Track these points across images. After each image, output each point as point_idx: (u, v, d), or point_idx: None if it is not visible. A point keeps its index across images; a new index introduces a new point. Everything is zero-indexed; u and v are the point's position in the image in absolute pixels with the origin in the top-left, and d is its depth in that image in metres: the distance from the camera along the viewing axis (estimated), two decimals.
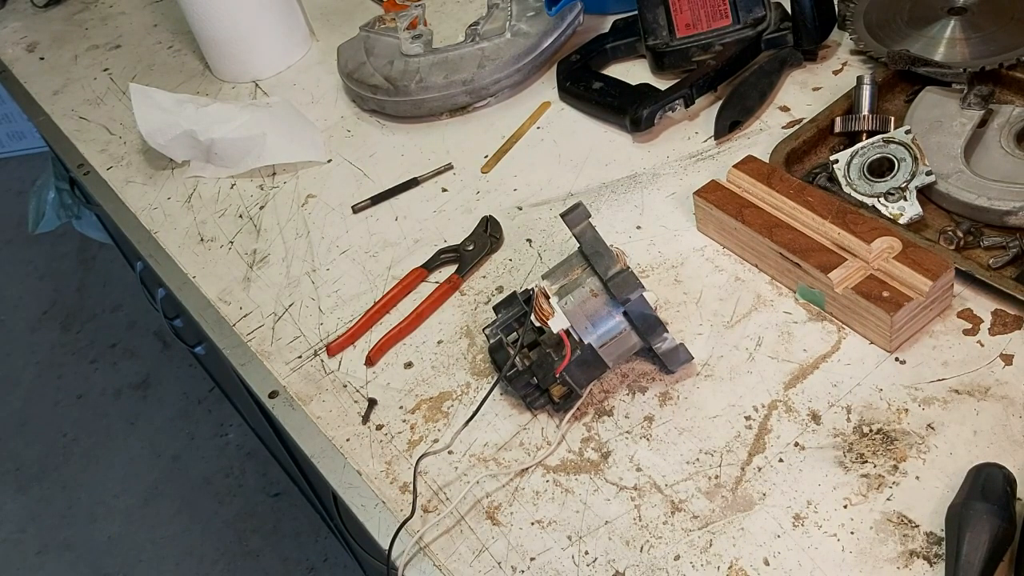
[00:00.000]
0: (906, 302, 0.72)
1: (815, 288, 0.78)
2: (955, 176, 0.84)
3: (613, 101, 1.03)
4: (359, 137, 1.14)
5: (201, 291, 0.99)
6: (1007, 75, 0.91)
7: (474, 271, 0.92)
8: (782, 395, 0.74)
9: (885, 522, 0.65)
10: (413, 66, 1.11)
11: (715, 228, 0.87)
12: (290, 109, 1.15)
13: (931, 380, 0.72)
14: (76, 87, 1.38)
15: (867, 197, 0.85)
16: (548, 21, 1.12)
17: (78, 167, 1.22)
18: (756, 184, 0.84)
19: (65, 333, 2.67)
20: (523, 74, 1.12)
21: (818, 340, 0.77)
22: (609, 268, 0.74)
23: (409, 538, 0.71)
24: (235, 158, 1.11)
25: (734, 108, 0.99)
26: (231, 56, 1.27)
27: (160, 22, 1.48)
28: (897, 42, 0.97)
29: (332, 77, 1.23)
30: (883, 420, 0.70)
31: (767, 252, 0.81)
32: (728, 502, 0.68)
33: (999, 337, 0.74)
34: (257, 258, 1.01)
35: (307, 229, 1.03)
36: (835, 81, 1.01)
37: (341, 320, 0.91)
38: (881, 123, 0.90)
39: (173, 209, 1.10)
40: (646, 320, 0.73)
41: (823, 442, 0.70)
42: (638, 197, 0.95)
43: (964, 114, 0.88)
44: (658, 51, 1.06)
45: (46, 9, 1.60)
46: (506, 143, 1.06)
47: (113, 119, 1.29)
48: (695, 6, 1.04)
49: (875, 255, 0.76)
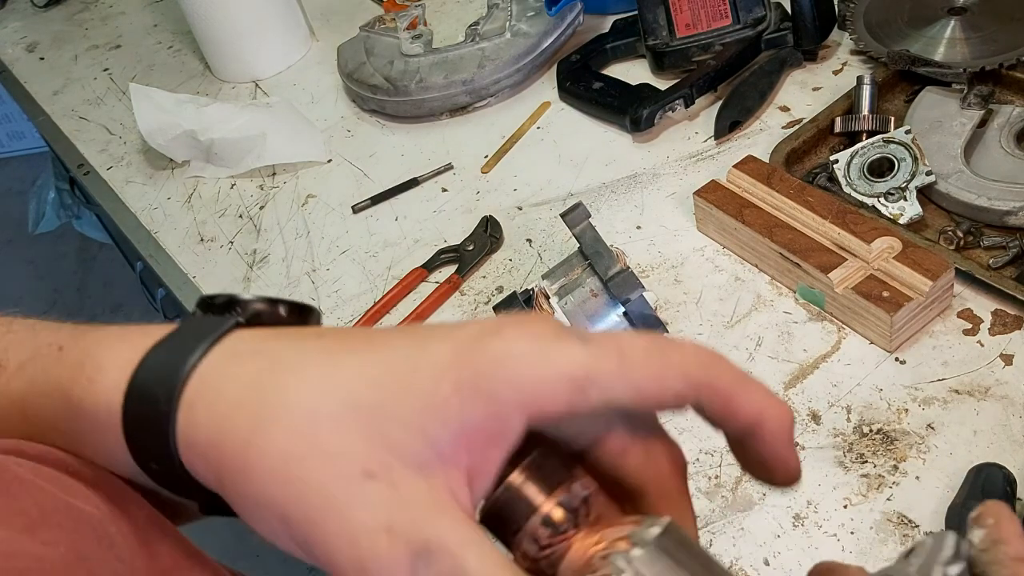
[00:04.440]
0: (906, 302, 0.72)
1: (815, 288, 0.78)
2: (955, 176, 0.84)
3: (613, 101, 1.03)
4: (359, 137, 1.14)
5: (201, 291, 0.99)
6: (1007, 75, 0.91)
7: (474, 271, 0.92)
8: (782, 395, 0.74)
9: (885, 522, 0.65)
10: (413, 66, 1.11)
11: (715, 228, 0.87)
12: (290, 109, 1.15)
13: (931, 380, 0.72)
14: (76, 87, 1.38)
15: (867, 197, 0.85)
16: (548, 21, 1.12)
17: (78, 167, 1.22)
18: (756, 184, 0.84)
19: None
20: (523, 74, 1.12)
21: (818, 340, 0.77)
22: (609, 268, 0.74)
23: None
24: (235, 158, 1.11)
25: (734, 108, 0.99)
26: (231, 56, 1.27)
27: (160, 22, 1.48)
28: (897, 42, 0.97)
29: (332, 77, 1.23)
30: (883, 420, 0.70)
31: (767, 252, 0.81)
32: (728, 502, 0.68)
33: (999, 337, 0.74)
34: (257, 258, 1.01)
35: (307, 229, 1.03)
36: (835, 81, 1.01)
37: (341, 320, 0.91)
38: (881, 123, 0.90)
39: (173, 209, 1.10)
40: (646, 320, 0.73)
41: (823, 442, 0.70)
42: (638, 197, 0.95)
43: (964, 114, 0.88)
44: (658, 51, 1.06)
45: (46, 9, 1.59)
46: (506, 143, 1.06)
47: (113, 119, 1.29)
48: (695, 6, 1.04)
49: (875, 255, 0.76)
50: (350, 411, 0.30)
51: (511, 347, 0.31)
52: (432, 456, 0.30)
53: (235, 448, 0.31)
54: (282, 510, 0.30)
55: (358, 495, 0.29)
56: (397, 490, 0.29)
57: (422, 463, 0.29)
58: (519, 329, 0.31)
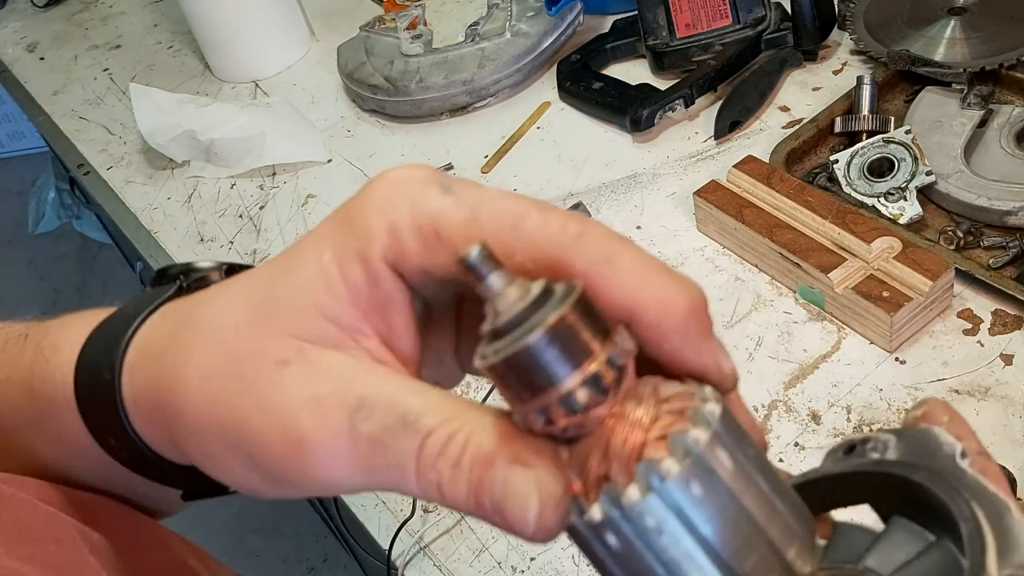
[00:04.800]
0: (906, 302, 0.72)
1: (815, 288, 0.78)
2: (955, 176, 0.84)
3: (613, 101, 1.03)
4: (359, 137, 1.14)
5: None
6: (1007, 75, 0.91)
7: None
8: (782, 395, 0.74)
9: None
10: (413, 66, 1.11)
11: (715, 228, 0.87)
12: (290, 109, 1.15)
13: (931, 380, 0.72)
14: (76, 87, 1.38)
15: (867, 197, 0.85)
16: (548, 21, 1.12)
17: (78, 167, 1.22)
18: (756, 184, 0.84)
19: None
20: (523, 74, 1.12)
21: (818, 340, 0.77)
22: None
23: (409, 538, 0.71)
24: (235, 158, 1.11)
25: (734, 108, 0.99)
26: (231, 56, 1.27)
27: (160, 22, 1.48)
28: (897, 42, 0.97)
29: (332, 77, 1.23)
30: (883, 420, 0.70)
31: (767, 252, 0.81)
32: None
33: (999, 337, 0.74)
34: (257, 258, 1.01)
35: (307, 229, 1.02)
36: (835, 81, 1.01)
37: None
38: (881, 123, 0.90)
39: (173, 209, 1.10)
40: None
41: (823, 442, 0.70)
42: (638, 197, 0.95)
43: (964, 114, 0.88)
44: (658, 51, 1.06)
45: (46, 9, 1.59)
46: (506, 143, 1.06)
47: (113, 119, 1.29)
48: (695, 6, 1.04)
49: (875, 255, 0.76)
50: (252, 313, 0.29)
51: (373, 194, 0.29)
52: (337, 332, 0.28)
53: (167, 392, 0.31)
54: (219, 431, 0.29)
55: (278, 383, 0.28)
56: (315, 367, 0.28)
57: (332, 340, 0.28)
58: (387, 175, 0.29)
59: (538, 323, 0.25)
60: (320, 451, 0.27)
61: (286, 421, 0.27)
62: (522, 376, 0.26)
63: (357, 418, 0.27)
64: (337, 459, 0.27)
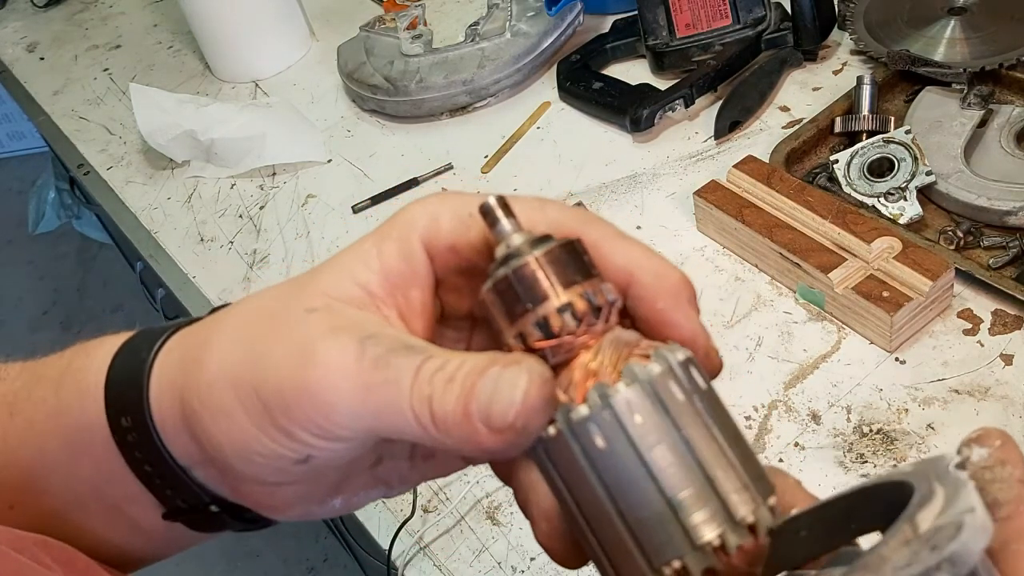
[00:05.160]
0: (906, 302, 0.72)
1: (815, 288, 0.78)
2: (955, 176, 0.84)
3: (613, 101, 1.03)
4: (359, 137, 1.14)
5: (201, 291, 0.99)
6: (1007, 75, 0.91)
7: None
8: (782, 395, 0.74)
9: None
10: (413, 66, 1.11)
11: (715, 228, 0.87)
12: (290, 109, 1.15)
13: (931, 380, 0.72)
14: (76, 87, 1.38)
15: (867, 197, 0.85)
16: (548, 21, 1.12)
17: (78, 167, 1.22)
18: (756, 184, 0.84)
19: (65, 333, 2.67)
20: (523, 74, 1.12)
21: (818, 340, 0.77)
22: None
23: (409, 538, 0.71)
24: (235, 158, 1.11)
25: (734, 108, 0.99)
26: (231, 56, 1.27)
27: (160, 22, 1.48)
28: (897, 42, 0.97)
29: (332, 77, 1.23)
30: (883, 420, 0.70)
31: (767, 252, 0.81)
32: None
33: (999, 337, 0.74)
34: (257, 258, 1.01)
35: (307, 229, 1.03)
36: (835, 81, 1.01)
37: None
38: (881, 123, 0.90)
39: (173, 209, 1.10)
40: None
41: (823, 442, 0.70)
42: (638, 197, 0.95)
43: (964, 114, 0.88)
44: (658, 51, 1.06)
45: (46, 9, 1.59)
46: (506, 143, 1.06)
47: (113, 119, 1.29)
48: (695, 6, 1.04)
49: (875, 255, 0.76)
50: (291, 285, 0.34)
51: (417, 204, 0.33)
52: (363, 295, 0.32)
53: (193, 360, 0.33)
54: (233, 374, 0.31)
55: (302, 323, 0.31)
56: (336, 313, 0.31)
57: (358, 301, 0.32)
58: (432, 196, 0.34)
59: (527, 254, 0.30)
60: (328, 365, 0.29)
61: (304, 344, 0.30)
62: (507, 301, 0.30)
63: (367, 342, 0.30)
64: (342, 376, 0.29)
